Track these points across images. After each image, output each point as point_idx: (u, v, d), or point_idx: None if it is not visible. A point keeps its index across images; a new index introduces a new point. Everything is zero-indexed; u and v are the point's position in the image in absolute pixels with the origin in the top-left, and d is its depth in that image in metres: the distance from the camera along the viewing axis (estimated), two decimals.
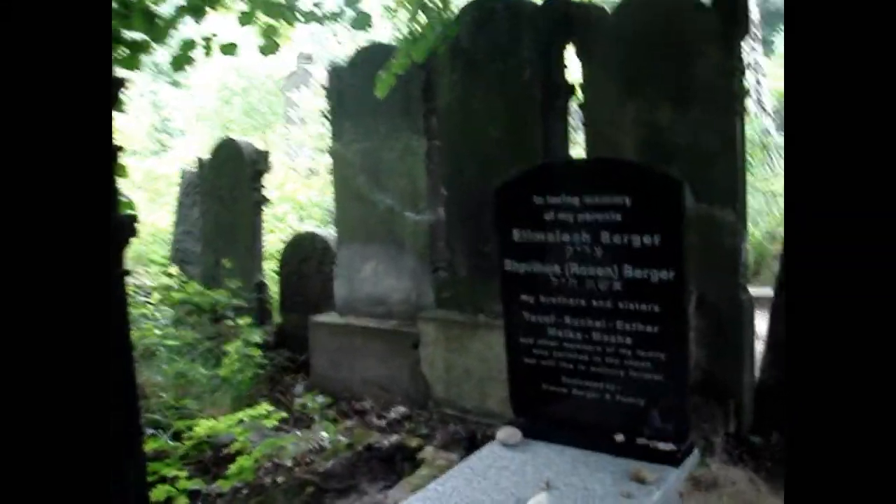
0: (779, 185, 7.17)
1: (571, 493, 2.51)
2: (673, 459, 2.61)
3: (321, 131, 10.89)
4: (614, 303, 2.67)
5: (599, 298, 2.70)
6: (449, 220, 4.11)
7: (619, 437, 2.73)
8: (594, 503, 2.44)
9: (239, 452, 3.57)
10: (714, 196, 3.21)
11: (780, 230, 6.46)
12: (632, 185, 2.57)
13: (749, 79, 7.94)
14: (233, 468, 3.42)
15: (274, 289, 5.68)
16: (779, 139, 8.56)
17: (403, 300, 4.44)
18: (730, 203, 3.23)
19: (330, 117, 4.75)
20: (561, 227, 2.73)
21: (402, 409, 4.21)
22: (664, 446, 2.66)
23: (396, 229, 4.41)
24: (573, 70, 3.73)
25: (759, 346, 3.61)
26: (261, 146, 10.88)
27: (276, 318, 5.59)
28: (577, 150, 4.57)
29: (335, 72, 4.68)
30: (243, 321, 4.79)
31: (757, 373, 3.53)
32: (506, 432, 2.94)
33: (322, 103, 10.20)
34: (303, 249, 5.28)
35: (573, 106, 3.80)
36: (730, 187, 3.22)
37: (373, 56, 4.37)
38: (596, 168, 2.71)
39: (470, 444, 3.80)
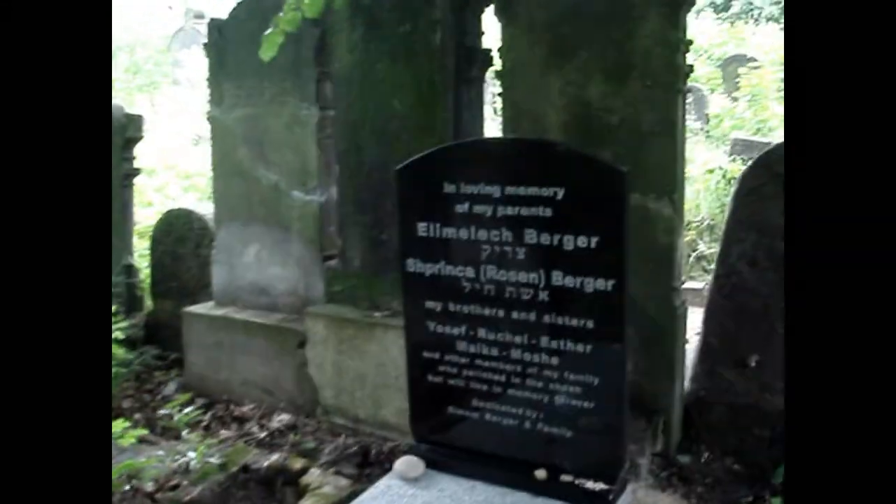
0: (692, 167, 6.93)
1: None
2: (604, 502, 2.19)
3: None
4: (539, 315, 2.23)
5: (521, 309, 2.25)
6: (342, 203, 3.58)
7: (541, 474, 2.30)
8: None
9: None
10: (649, 185, 2.80)
11: (697, 217, 6.20)
12: (566, 174, 2.11)
13: None
14: None
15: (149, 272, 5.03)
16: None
17: (290, 291, 3.90)
18: (666, 193, 2.82)
19: (209, 78, 4.12)
20: (476, 222, 2.26)
21: (286, 417, 3.69)
22: (594, 486, 2.24)
23: (282, 210, 3.85)
24: (491, 34, 3.24)
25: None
26: (146, 108, 10.12)
27: (149, 303, 4.95)
28: (494, 126, 4.10)
29: (215, 25, 4.05)
30: None
31: (686, 383, 3.16)
32: (405, 463, 2.47)
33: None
34: (177, 228, 4.64)
35: (490, 76, 3.32)
36: (667, 175, 2.81)
37: (258, 8, 3.77)
38: (522, 151, 2.24)
39: (363, 460, 3.33)
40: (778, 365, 2.99)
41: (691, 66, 2.81)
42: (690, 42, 2.79)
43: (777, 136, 9.38)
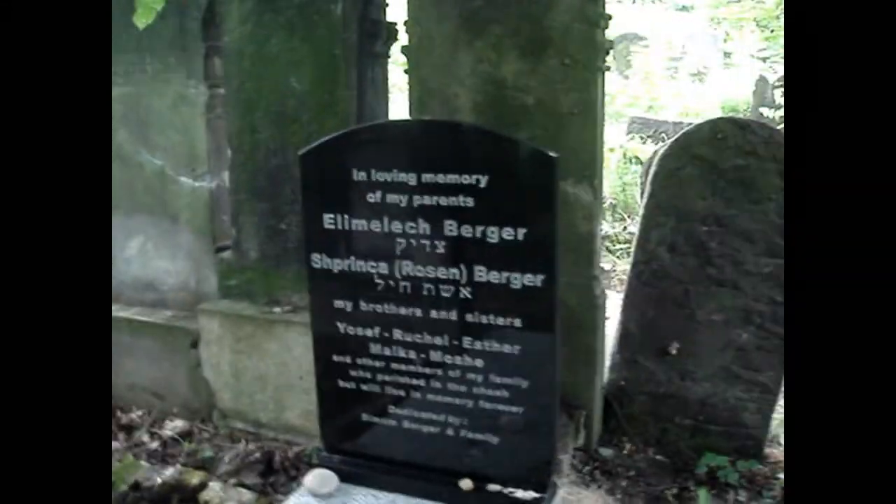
0: None
1: None
2: None
3: None
4: (461, 314, 2.05)
5: (441, 308, 2.06)
6: (235, 190, 3.28)
7: (467, 484, 2.13)
8: None
9: None
10: (567, 169, 2.64)
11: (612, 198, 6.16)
12: (490, 160, 1.92)
13: None
14: None
15: None
16: None
17: (180, 286, 3.58)
18: (586, 178, 2.68)
19: None
20: (390, 213, 2.05)
21: (179, 424, 3.39)
22: (524, 494, 2.08)
23: (169, 198, 3.52)
24: (396, 6, 3.01)
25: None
26: None
27: None
28: (400, 107, 3.88)
29: None
30: None
31: (605, 373, 3.05)
32: (317, 477, 2.25)
33: None
34: None
35: (395, 52, 3.10)
36: (587, 159, 2.67)
37: None
38: (441, 135, 2.03)
39: (266, 468, 3.08)
40: (699, 352, 2.91)
41: (611, 43, 2.66)
42: (609, 17, 2.64)
43: (667, 114, 9.52)
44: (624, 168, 6.40)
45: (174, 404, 3.49)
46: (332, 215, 2.13)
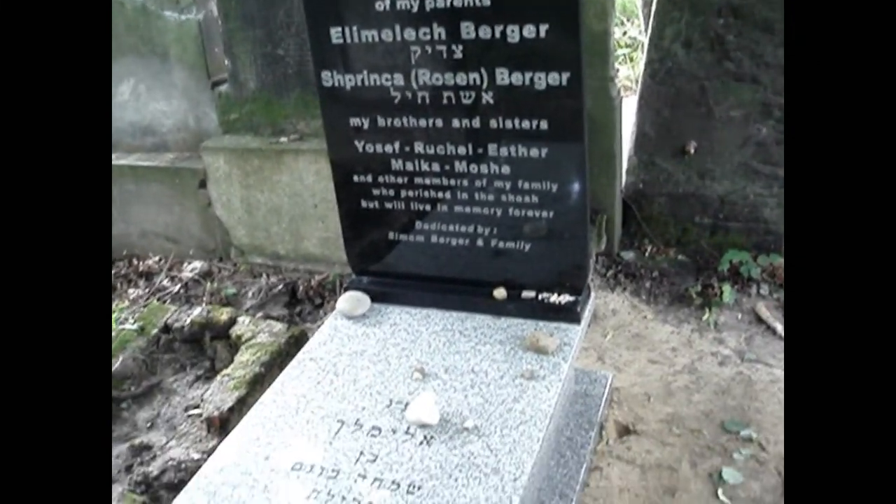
0: None
1: (457, 380, 1.91)
2: (572, 315, 2.05)
3: None
4: (484, 120, 1.97)
5: (463, 115, 1.99)
6: (225, 18, 3.11)
7: (501, 293, 2.13)
8: (490, 393, 1.85)
9: None
10: None
11: None
12: None
13: None
14: None
15: None
16: None
17: (179, 127, 3.48)
18: None
19: None
20: (401, 20, 1.93)
21: (198, 265, 3.39)
22: (558, 298, 2.09)
23: (155, 35, 3.35)
24: None
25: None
26: None
27: None
28: None
29: None
30: None
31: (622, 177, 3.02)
32: (349, 300, 2.25)
33: None
34: None
35: None
36: None
37: None
38: None
39: (291, 298, 3.11)
40: (717, 150, 2.86)
41: None
42: None
43: None
44: None
45: (189, 246, 3.48)
46: (338, 28, 2.01)
